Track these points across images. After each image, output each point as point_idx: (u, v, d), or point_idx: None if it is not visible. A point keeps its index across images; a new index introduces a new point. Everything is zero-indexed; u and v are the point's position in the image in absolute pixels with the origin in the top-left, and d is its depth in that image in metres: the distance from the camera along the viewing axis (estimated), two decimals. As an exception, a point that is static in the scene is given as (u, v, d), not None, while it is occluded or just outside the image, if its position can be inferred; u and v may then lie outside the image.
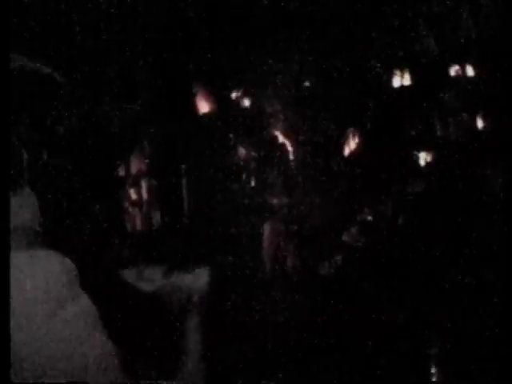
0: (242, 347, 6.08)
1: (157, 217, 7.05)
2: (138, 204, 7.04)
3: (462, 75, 6.79)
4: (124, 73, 6.78)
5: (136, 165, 7.02)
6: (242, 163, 6.72)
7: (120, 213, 7.00)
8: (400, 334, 6.08)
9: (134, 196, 7.04)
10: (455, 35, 6.78)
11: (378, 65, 6.71)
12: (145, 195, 7.04)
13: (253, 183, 6.72)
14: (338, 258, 6.40)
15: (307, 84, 6.70)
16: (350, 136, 6.63)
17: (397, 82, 6.84)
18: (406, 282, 6.19)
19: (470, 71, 6.82)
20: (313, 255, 6.48)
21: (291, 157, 6.71)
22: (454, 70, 6.78)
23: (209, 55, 6.77)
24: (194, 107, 6.88)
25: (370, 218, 6.44)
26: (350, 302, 6.20)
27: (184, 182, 6.86)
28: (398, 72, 6.83)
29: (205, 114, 6.87)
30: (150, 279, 3.00)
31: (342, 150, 6.65)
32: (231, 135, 6.76)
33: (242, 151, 6.74)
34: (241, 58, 6.78)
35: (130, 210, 7.06)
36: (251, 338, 6.18)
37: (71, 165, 6.29)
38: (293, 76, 6.70)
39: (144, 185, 7.03)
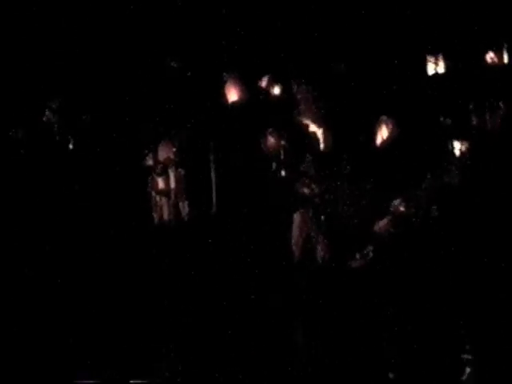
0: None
1: (185, 207, 6.97)
2: (166, 193, 6.97)
3: (499, 62, 6.58)
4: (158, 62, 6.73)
5: (164, 154, 6.94)
6: (272, 152, 6.59)
7: (148, 202, 6.95)
8: (435, 331, 5.94)
9: (161, 185, 6.97)
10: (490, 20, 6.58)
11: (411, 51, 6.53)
12: (173, 184, 6.96)
13: (283, 172, 6.59)
14: (370, 249, 6.25)
15: (338, 71, 6.54)
16: (383, 124, 6.47)
17: (431, 69, 6.65)
18: (439, 275, 6.03)
19: (506, 58, 6.61)
20: (343, 246, 6.34)
21: (322, 145, 6.56)
22: (489, 57, 6.57)
23: (238, 44, 6.68)
24: (223, 96, 6.78)
25: (402, 208, 6.27)
26: (381, 296, 6.06)
27: (213, 171, 6.76)
28: (432, 59, 6.64)
29: (234, 103, 6.76)
30: None
31: (374, 138, 6.49)
32: (261, 124, 6.64)
33: (272, 140, 6.61)
34: (270, 45, 6.67)
35: (158, 199, 7.00)
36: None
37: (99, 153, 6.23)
38: (324, 62, 6.55)
39: (172, 174, 6.95)
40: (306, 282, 6.31)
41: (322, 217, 6.44)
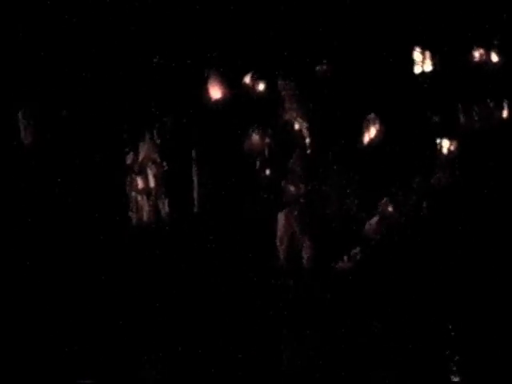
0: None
1: (165, 206, 6.75)
2: (145, 192, 6.74)
3: (487, 61, 6.48)
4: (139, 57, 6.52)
5: (145, 151, 6.71)
6: (256, 150, 6.41)
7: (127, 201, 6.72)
8: (422, 333, 5.81)
9: (141, 184, 6.75)
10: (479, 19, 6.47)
11: (399, 49, 6.39)
12: (152, 183, 6.74)
13: (268, 171, 6.41)
14: (357, 250, 6.10)
15: (325, 67, 6.37)
16: (371, 122, 6.32)
17: (418, 66, 6.52)
18: (428, 277, 5.91)
19: (494, 57, 6.51)
20: (330, 247, 6.18)
21: (308, 144, 6.39)
22: (478, 56, 6.47)
23: (222, 40, 6.48)
24: (206, 93, 6.57)
25: (391, 209, 6.13)
26: (367, 299, 5.92)
27: (195, 169, 6.56)
28: (419, 57, 6.51)
29: (218, 100, 6.56)
30: None
31: (362, 137, 6.34)
32: (245, 121, 6.45)
33: (256, 137, 6.42)
34: (254, 42, 6.48)
35: (138, 198, 6.77)
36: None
37: (79, 150, 5.98)
38: (310, 59, 6.38)
39: (152, 172, 6.72)
40: (292, 284, 6.14)
41: (308, 217, 6.26)
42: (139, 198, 6.73)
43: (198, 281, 6.18)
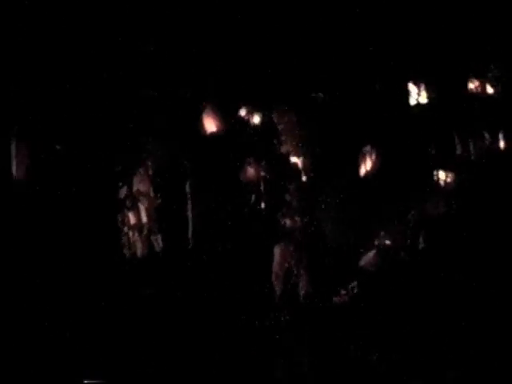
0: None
1: (158, 241, 6.67)
2: (137, 227, 6.66)
3: (482, 93, 6.48)
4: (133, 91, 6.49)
5: (138, 185, 6.65)
6: (251, 183, 6.35)
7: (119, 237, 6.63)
8: (420, 367, 5.70)
9: (133, 219, 6.66)
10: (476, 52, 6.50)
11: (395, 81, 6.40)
12: (145, 218, 6.66)
13: (263, 204, 6.34)
14: (354, 284, 6.01)
15: (321, 100, 6.36)
16: (367, 155, 6.28)
17: (413, 99, 6.52)
18: (427, 311, 5.81)
19: (490, 89, 6.52)
20: (327, 281, 6.09)
21: (304, 176, 6.34)
22: (474, 88, 6.48)
23: (217, 72, 6.47)
24: (201, 125, 6.54)
25: (387, 241, 6.06)
26: (366, 334, 5.81)
27: (189, 203, 6.48)
28: (414, 89, 6.51)
29: (213, 132, 6.52)
30: None
31: (358, 169, 6.30)
32: (240, 154, 6.41)
33: (251, 170, 6.37)
34: (250, 74, 6.47)
35: (130, 233, 6.68)
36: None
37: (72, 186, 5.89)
38: (306, 91, 6.37)
39: (144, 207, 6.65)
40: (288, 319, 6.03)
41: (304, 250, 6.18)
42: (131, 233, 6.64)
43: (192, 317, 6.06)
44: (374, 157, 6.28)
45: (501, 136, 6.39)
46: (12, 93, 6.32)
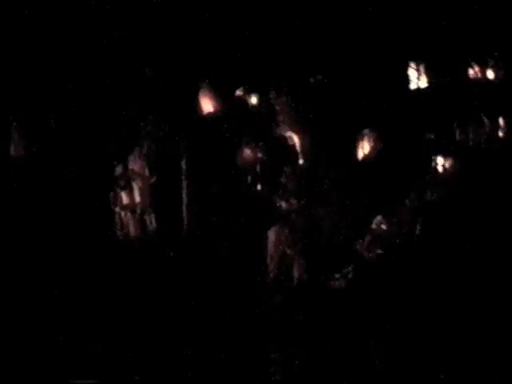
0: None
1: (152, 221, 6.58)
2: (130, 208, 6.57)
3: (483, 78, 6.39)
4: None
5: (133, 165, 6.55)
6: (248, 164, 6.26)
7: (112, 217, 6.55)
8: (416, 352, 5.64)
9: (125, 200, 6.57)
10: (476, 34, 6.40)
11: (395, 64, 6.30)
12: (138, 198, 6.56)
13: (259, 186, 6.26)
14: (349, 269, 5.94)
15: (319, 81, 6.25)
16: (365, 138, 6.19)
17: (413, 82, 6.42)
18: (422, 298, 5.75)
19: (490, 75, 6.43)
20: (322, 265, 6.02)
21: (301, 159, 6.26)
22: (473, 72, 6.38)
23: (214, 52, 6.36)
24: (198, 106, 6.43)
25: (384, 226, 5.99)
26: (360, 320, 5.74)
27: (184, 183, 6.40)
28: (414, 73, 6.41)
29: (209, 113, 6.42)
30: None
31: (356, 153, 6.21)
32: (237, 134, 6.32)
33: (248, 152, 6.28)
34: (247, 54, 6.36)
35: (122, 214, 6.58)
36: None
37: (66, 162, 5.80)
38: (304, 72, 6.26)
39: (138, 187, 6.55)
40: (282, 303, 5.96)
41: (299, 234, 6.11)
42: (124, 213, 6.55)
43: (186, 298, 5.99)
44: (372, 140, 6.19)
45: (501, 122, 6.30)
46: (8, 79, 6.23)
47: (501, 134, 6.30)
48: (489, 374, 5.14)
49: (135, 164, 6.43)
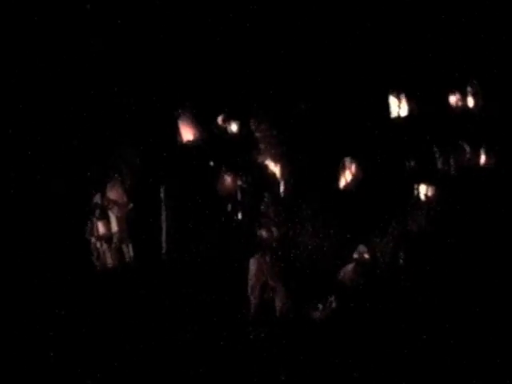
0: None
1: (129, 251, 6.43)
2: (107, 238, 6.42)
3: (463, 106, 6.40)
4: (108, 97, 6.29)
5: (110, 193, 6.41)
6: (228, 193, 6.17)
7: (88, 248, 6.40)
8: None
9: (102, 229, 6.42)
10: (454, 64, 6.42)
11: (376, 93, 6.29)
12: (116, 227, 6.42)
13: (239, 215, 6.16)
14: (332, 298, 5.84)
15: (301, 109, 6.20)
16: (347, 166, 6.14)
17: (394, 111, 6.40)
18: (407, 327, 5.66)
19: (470, 103, 6.44)
20: (304, 295, 5.91)
21: (282, 187, 6.18)
22: (455, 101, 6.39)
23: (194, 79, 6.29)
24: (177, 133, 6.34)
25: (367, 255, 5.91)
26: (345, 350, 5.63)
27: (163, 212, 6.27)
28: (395, 101, 6.40)
29: (188, 141, 6.32)
30: None
31: (337, 181, 6.14)
32: (217, 162, 6.23)
33: (228, 180, 6.19)
34: (228, 82, 6.30)
35: (98, 244, 6.43)
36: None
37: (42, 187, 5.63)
38: (285, 100, 6.21)
39: (115, 215, 6.41)
40: (264, 336, 5.83)
41: (281, 263, 6.00)
42: (101, 243, 6.40)
43: (166, 330, 5.83)
44: (354, 168, 6.14)
45: (482, 150, 6.30)
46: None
47: (482, 161, 6.29)
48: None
49: (112, 192, 6.30)
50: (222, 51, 6.31)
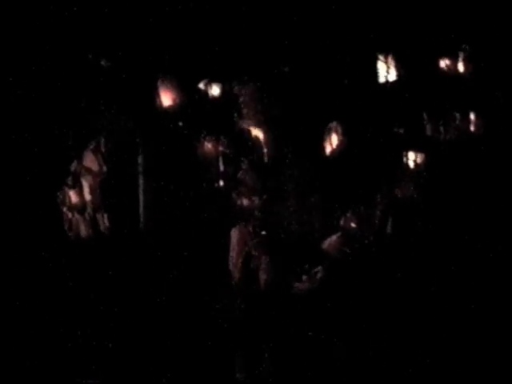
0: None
1: (105, 220, 6.16)
2: (79, 207, 6.15)
3: (454, 72, 6.17)
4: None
5: (85, 160, 6.13)
6: (209, 159, 5.90)
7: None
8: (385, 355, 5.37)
9: (74, 198, 6.15)
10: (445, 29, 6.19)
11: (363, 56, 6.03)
12: (88, 196, 6.14)
13: (221, 182, 5.90)
14: (318, 269, 5.61)
15: (286, 72, 5.92)
16: (332, 131, 5.89)
17: (382, 76, 6.15)
18: (393, 298, 5.46)
19: (461, 68, 6.21)
20: (289, 266, 5.67)
21: (265, 153, 5.92)
22: (444, 65, 6.15)
23: (174, 42, 6.00)
24: (156, 98, 6.04)
25: (353, 224, 5.69)
26: (331, 322, 5.42)
27: (141, 180, 6.00)
28: (383, 66, 6.15)
29: (169, 106, 6.03)
30: None
31: (323, 147, 5.89)
32: (197, 128, 5.95)
33: (209, 146, 5.92)
34: (210, 44, 6.01)
35: (70, 214, 6.16)
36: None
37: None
38: (269, 62, 5.93)
39: (89, 184, 6.13)
40: (247, 308, 5.60)
41: (264, 232, 5.76)
42: (73, 213, 6.13)
43: (143, 302, 5.59)
44: (340, 134, 5.89)
45: (472, 116, 6.08)
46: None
47: (472, 128, 6.07)
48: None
49: (87, 159, 6.02)
50: (203, 12, 6.02)
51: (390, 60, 6.16)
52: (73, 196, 6.16)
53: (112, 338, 5.55)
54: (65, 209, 6.14)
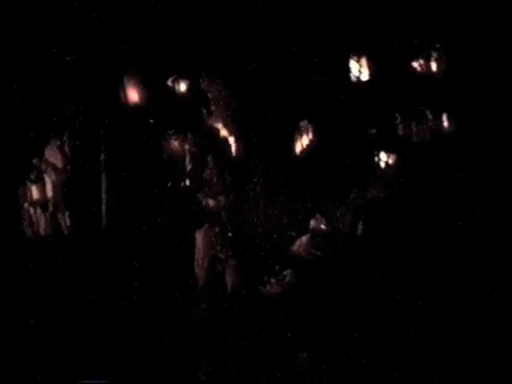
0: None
1: (66, 219, 5.92)
2: (41, 204, 5.92)
3: (427, 72, 6.07)
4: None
5: (48, 156, 5.90)
6: (174, 158, 5.71)
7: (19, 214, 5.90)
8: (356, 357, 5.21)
9: (36, 194, 5.92)
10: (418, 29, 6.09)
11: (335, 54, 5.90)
12: (50, 193, 5.90)
13: (187, 181, 5.70)
14: (287, 272, 5.44)
15: (256, 68, 5.76)
16: (303, 131, 5.74)
17: (354, 75, 6.02)
18: (365, 301, 5.31)
19: (434, 68, 6.11)
20: (256, 269, 5.50)
21: (233, 152, 5.75)
22: (418, 66, 6.06)
23: (140, 38, 5.80)
24: (121, 94, 5.83)
25: (323, 226, 5.53)
26: (300, 327, 5.25)
27: (104, 178, 5.77)
28: (355, 65, 6.03)
29: (135, 103, 5.83)
30: None
31: (293, 146, 5.74)
32: (164, 126, 5.76)
33: (174, 145, 5.73)
34: (178, 40, 5.83)
35: (31, 210, 5.92)
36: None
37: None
38: (240, 58, 5.76)
39: (51, 180, 5.89)
40: (213, 312, 5.40)
41: (230, 234, 5.58)
42: (34, 209, 5.89)
43: (105, 304, 5.37)
44: (310, 134, 5.74)
45: (444, 117, 5.99)
46: None
47: (444, 128, 5.98)
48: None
49: (50, 155, 5.79)
50: (170, 9, 5.84)
51: (363, 60, 6.05)
52: (35, 192, 5.94)
53: (67, 337, 5.32)
54: (26, 204, 5.92)
